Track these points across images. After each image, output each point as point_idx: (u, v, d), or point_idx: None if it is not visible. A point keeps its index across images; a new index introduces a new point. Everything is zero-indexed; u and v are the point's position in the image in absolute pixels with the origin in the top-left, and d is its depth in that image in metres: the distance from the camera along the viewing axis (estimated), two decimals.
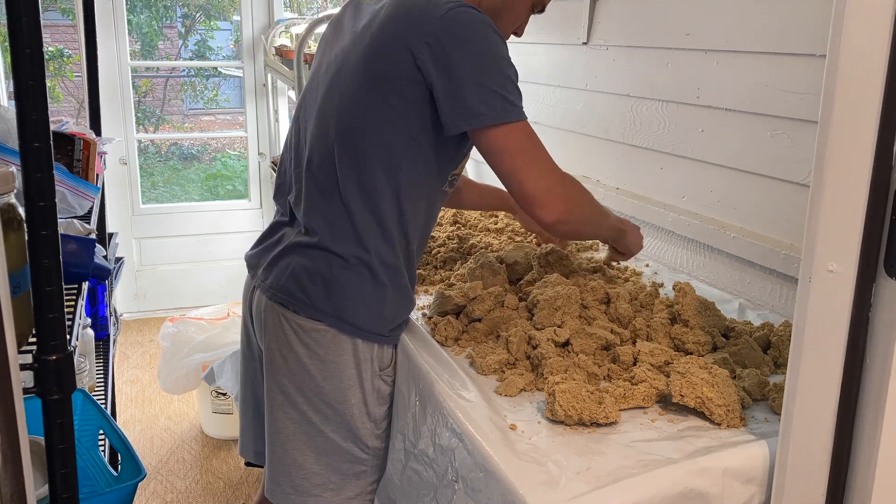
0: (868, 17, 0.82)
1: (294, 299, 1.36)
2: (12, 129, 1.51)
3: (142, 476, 1.42)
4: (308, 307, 1.35)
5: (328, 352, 1.36)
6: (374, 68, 1.30)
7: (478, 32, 1.25)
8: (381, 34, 1.30)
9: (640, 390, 1.19)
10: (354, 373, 1.37)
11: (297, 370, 1.38)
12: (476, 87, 1.23)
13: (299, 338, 1.37)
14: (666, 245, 1.96)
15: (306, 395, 1.38)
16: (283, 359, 1.39)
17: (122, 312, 4.11)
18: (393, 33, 1.29)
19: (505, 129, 1.24)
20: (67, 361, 0.97)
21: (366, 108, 1.31)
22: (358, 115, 1.33)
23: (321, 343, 1.36)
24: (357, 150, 1.33)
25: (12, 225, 1.00)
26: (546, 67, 2.42)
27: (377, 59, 1.30)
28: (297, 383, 1.38)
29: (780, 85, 1.56)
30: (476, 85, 1.23)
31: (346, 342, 1.36)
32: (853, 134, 0.85)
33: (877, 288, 0.87)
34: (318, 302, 1.35)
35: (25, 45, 0.87)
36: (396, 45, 1.27)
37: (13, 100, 0.97)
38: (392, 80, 1.28)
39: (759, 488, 1.08)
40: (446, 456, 1.20)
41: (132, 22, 4.39)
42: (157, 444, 2.92)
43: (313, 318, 1.35)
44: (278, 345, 1.39)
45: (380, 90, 1.29)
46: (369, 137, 1.32)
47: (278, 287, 1.39)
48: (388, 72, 1.28)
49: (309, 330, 1.36)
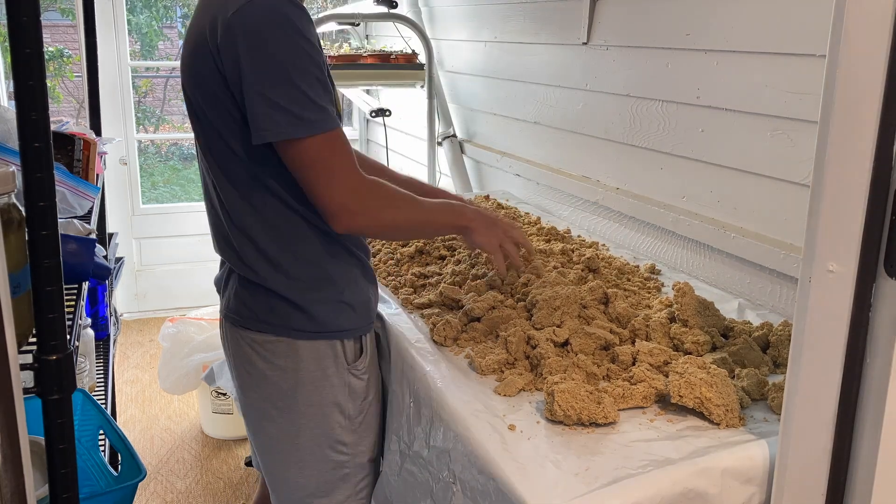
0: (868, 17, 0.82)
1: (243, 317, 1.36)
2: (12, 129, 1.51)
3: (142, 476, 1.42)
4: (257, 322, 1.35)
5: (287, 360, 1.35)
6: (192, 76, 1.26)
7: (268, 35, 1.16)
8: (188, 37, 1.28)
9: (639, 390, 1.19)
10: (318, 375, 1.35)
11: (262, 385, 1.37)
12: (263, 101, 1.16)
13: (257, 353, 1.36)
14: (666, 245, 1.96)
15: (278, 406, 1.37)
16: (249, 375, 1.38)
17: (122, 312, 4.11)
18: (196, 35, 1.24)
19: (295, 144, 1.19)
20: (67, 361, 0.97)
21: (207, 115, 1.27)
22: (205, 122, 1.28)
23: (278, 353, 1.35)
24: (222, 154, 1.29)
25: (12, 225, 1.00)
26: (546, 67, 2.42)
27: (192, 64, 1.26)
28: (265, 397, 1.37)
29: (780, 85, 1.56)
30: (263, 98, 1.16)
31: (303, 347, 1.34)
32: (853, 134, 0.85)
33: (877, 288, 0.87)
34: (262, 315, 1.34)
35: (25, 45, 0.87)
36: (200, 46, 1.23)
37: (13, 100, 0.97)
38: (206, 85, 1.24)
39: (758, 488, 1.08)
40: (443, 457, 1.20)
41: (132, 22, 4.39)
42: (157, 444, 2.92)
43: (264, 332, 1.35)
44: (241, 362, 1.39)
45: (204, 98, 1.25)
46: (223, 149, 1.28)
47: (230, 308, 1.39)
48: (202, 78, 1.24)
49: (264, 343, 1.35)
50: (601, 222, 2.21)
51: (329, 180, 1.20)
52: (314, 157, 1.20)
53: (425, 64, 3.03)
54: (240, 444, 2.91)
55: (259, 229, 1.31)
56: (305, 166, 1.20)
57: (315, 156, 1.20)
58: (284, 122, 1.17)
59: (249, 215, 1.30)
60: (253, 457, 1.65)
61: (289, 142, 1.19)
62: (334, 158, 1.21)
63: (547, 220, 2.21)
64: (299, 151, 1.19)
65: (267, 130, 1.18)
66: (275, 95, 1.16)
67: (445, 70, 3.13)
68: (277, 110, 1.16)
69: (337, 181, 1.21)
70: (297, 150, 1.19)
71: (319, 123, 1.19)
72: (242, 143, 1.25)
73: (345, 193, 1.21)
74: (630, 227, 2.09)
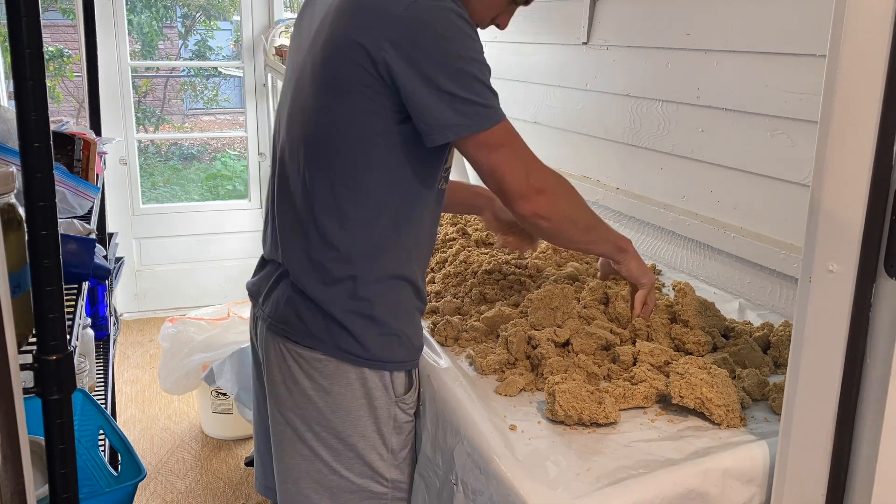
0: (868, 17, 0.82)
1: (292, 328, 1.29)
2: (12, 129, 1.51)
3: (142, 476, 1.42)
4: (307, 336, 1.28)
5: (333, 383, 1.27)
6: (329, 75, 1.21)
7: (442, 31, 1.15)
8: (331, 36, 1.21)
9: (640, 390, 1.19)
10: (364, 403, 1.28)
11: (302, 403, 1.29)
12: (445, 98, 1.16)
13: (302, 369, 1.29)
14: (666, 245, 1.96)
15: (314, 429, 1.29)
16: (288, 391, 1.30)
17: (122, 312, 4.11)
18: (344, 34, 1.19)
19: (484, 134, 1.19)
20: (67, 361, 0.97)
21: (329, 120, 1.23)
22: (322, 126, 1.24)
23: (324, 374, 1.27)
24: (327, 165, 1.25)
25: (12, 225, 1.00)
26: (546, 67, 2.42)
27: (330, 64, 1.21)
28: (303, 417, 1.30)
29: (780, 85, 1.56)
30: (445, 94, 1.16)
31: (350, 372, 1.27)
32: (853, 134, 0.85)
33: (877, 288, 0.87)
34: (315, 330, 1.27)
35: (25, 45, 0.87)
36: (350, 47, 1.18)
37: (13, 100, 0.97)
38: (350, 86, 1.19)
39: (759, 488, 1.08)
40: (446, 457, 1.20)
41: (132, 22, 4.39)
42: (157, 444, 2.92)
43: (313, 348, 1.28)
44: (282, 377, 1.31)
45: (339, 98, 1.21)
46: (338, 151, 1.24)
47: (276, 316, 1.31)
48: (344, 78, 1.19)
49: (311, 360, 1.28)
50: None
51: (522, 162, 1.22)
52: (503, 142, 1.21)
53: None
54: (240, 444, 2.91)
55: (342, 241, 1.25)
56: (495, 153, 1.20)
57: (504, 141, 1.21)
58: (475, 115, 1.18)
59: (337, 226, 1.25)
60: (259, 479, 1.57)
61: (478, 134, 1.19)
62: (521, 143, 1.24)
63: None
64: (489, 140, 1.20)
65: (459, 125, 1.17)
66: (460, 90, 1.16)
67: None
68: (466, 104, 1.17)
69: (526, 161, 1.23)
70: (486, 139, 1.20)
71: (500, 111, 1.21)
72: (378, 151, 1.23)
73: (537, 174, 1.23)
74: (630, 227, 2.09)
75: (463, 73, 1.16)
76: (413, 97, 1.16)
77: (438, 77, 1.15)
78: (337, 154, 1.23)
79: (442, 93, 1.16)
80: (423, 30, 1.15)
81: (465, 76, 1.17)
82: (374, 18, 1.16)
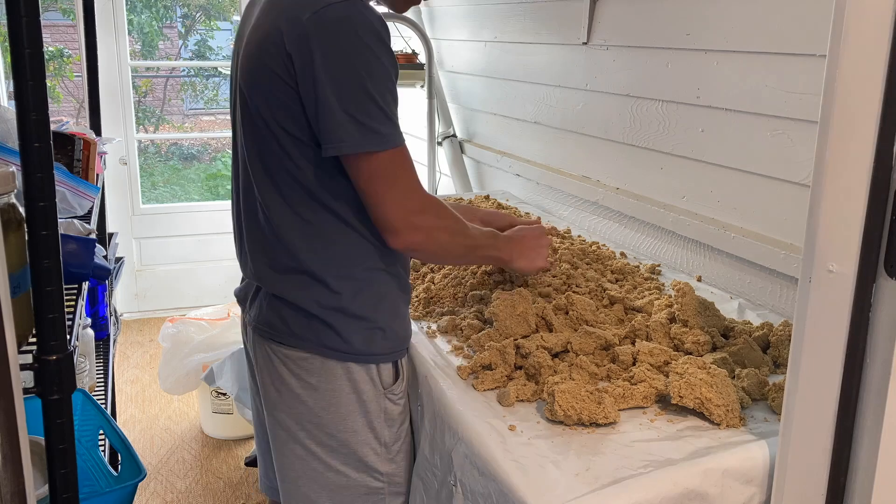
0: (868, 17, 0.82)
1: (276, 330, 1.30)
2: (12, 129, 1.51)
3: (142, 476, 1.42)
4: (290, 336, 1.29)
5: (320, 380, 1.29)
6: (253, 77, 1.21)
7: (346, 44, 1.12)
8: (252, 37, 1.22)
9: (640, 390, 1.19)
10: (354, 398, 1.29)
11: (292, 403, 1.31)
12: (334, 112, 1.13)
13: (289, 369, 1.30)
14: (666, 245, 1.96)
15: (307, 428, 1.31)
16: (278, 393, 1.32)
17: (122, 312, 4.11)
18: (262, 35, 1.19)
19: (365, 158, 1.16)
20: (67, 361, 0.97)
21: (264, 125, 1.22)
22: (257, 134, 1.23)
23: (311, 372, 1.29)
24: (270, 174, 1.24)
25: (12, 225, 1.00)
26: (546, 67, 2.42)
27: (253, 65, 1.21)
28: (295, 418, 1.31)
29: (780, 85, 1.56)
30: (335, 110, 1.13)
31: (336, 368, 1.28)
32: (853, 134, 0.85)
33: (877, 288, 0.87)
34: (298, 329, 1.28)
35: (25, 45, 0.87)
36: (266, 48, 1.17)
37: (13, 100, 0.97)
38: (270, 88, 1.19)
39: (758, 488, 1.08)
40: (445, 458, 1.20)
41: (132, 22, 4.39)
42: (157, 444, 2.92)
43: (298, 348, 1.29)
44: (271, 379, 1.33)
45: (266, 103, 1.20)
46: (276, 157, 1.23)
47: (261, 319, 1.33)
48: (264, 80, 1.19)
49: (296, 359, 1.29)
50: (601, 222, 2.21)
51: (396, 195, 1.19)
52: (385, 171, 1.17)
53: (425, 64, 3.03)
54: (240, 444, 2.91)
55: (304, 242, 1.26)
56: (374, 180, 1.17)
57: (384, 170, 1.17)
58: (360, 136, 1.14)
59: (296, 227, 1.25)
60: (262, 479, 1.59)
61: (361, 155, 1.16)
62: (403, 174, 1.19)
63: (547, 220, 2.21)
64: (371, 165, 1.17)
65: (342, 142, 1.15)
66: (351, 107, 1.13)
67: (445, 70, 3.13)
68: (354, 123, 1.14)
69: (405, 197, 1.20)
70: (368, 164, 1.17)
71: (391, 138, 1.17)
72: (303, 154, 1.21)
73: (412, 209, 1.20)
74: (630, 227, 2.09)
75: (356, 91, 1.13)
76: (307, 103, 1.16)
77: (332, 89, 1.13)
78: (275, 159, 1.23)
79: (331, 106, 1.13)
80: (326, 37, 1.12)
81: (359, 94, 1.13)
82: (286, 19, 1.15)
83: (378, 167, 1.17)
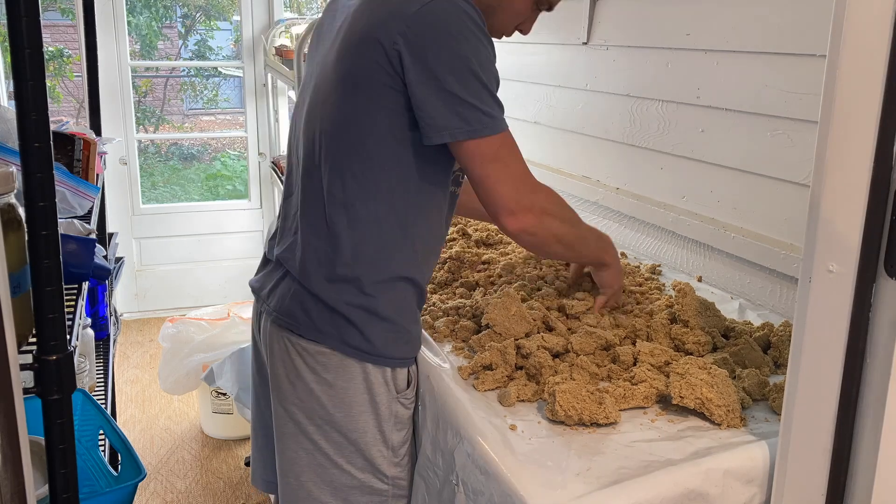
0: (868, 17, 0.82)
1: (297, 322, 1.29)
2: (12, 129, 1.51)
3: (142, 476, 1.42)
4: (312, 330, 1.28)
5: (337, 377, 1.28)
6: (346, 69, 1.22)
7: (455, 33, 1.15)
8: (350, 32, 1.23)
9: (640, 390, 1.19)
10: (367, 398, 1.29)
11: (305, 397, 1.30)
12: (448, 98, 1.15)
13: (306, 362, 1.29)
14: (666, 245, 1.96)
15: (317, 423, 1.30)
16: (291, 385, 1.31)
17: (122, 312, 4.11)
18: (362, 30, 1.20)
19: (479, 142, 1.18)
20: (67, 361, 0.97)
21: (343, 116, 1.23)
22: (337, 122, 1.24)
23: (328, 367, 1.28)
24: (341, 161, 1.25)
25: (12, 225, 1.00)
26: (546, 67, 2.42)
27: (348, 59, 1.22)
28: (306, 411, 1.30)
29: (780, 85, 1.56)
30: (448, 95, 1.15)
31: (354, 366, 1.28)
32: (853, 134, 0.85)
33: (877, 288, 0.87)
34: (321, 324, 1.27)
35: (25, 45, 0.87)
36: (367, 42, 1.19)
37: (13, 100, 0.97)
38: (366, 81, 1.20)
39: (759, 489, 1.08)
40: (447, 458, 1.20)
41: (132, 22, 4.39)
42: (157, 444, 2.92)
43: (318, 342, 1.28)
44: (285, 370, 1.32)
45: (354, 93, 1.22)
46: (351, 147, 1.24)
47: (282, 310, 1.32)
48: (360, 73, 1.20)
49: (315, 353, 1.28)
50: (601, 222, 2.21)
51: (512, 176, 1.21)
52: (498, 154, 1.20)
53: None
54: (240, 444, 2.91)
55: (350, 237, 1.26)
56: (489, 163, 1.19)
57: (499, 153, 1.20)
58: (475, 121, 1.17)
59: (346, 223, 1.26)
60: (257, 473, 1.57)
61: (475, 140, 1.18)
62: (517, 157, 1.22)
63: None
64: (484, 149, 1.19)
65: (458, 129, 1.16)
66: (465, 94, 1.15)
67: None
68: (468, 108, 1.16)
69: (520, 178, 1.22)
70: (482, 147, 1.19)
71: (502, 122, 1.20)
72: (390, 151, 1.23)
73: (527, 191, 1.23)
74: (630, 227, 2.09)
75: (469, 77, 1.16)
76: (416, 92, 1.17)
77: (444, 76, 1.15)
78: (350, 150, 1.24)
79: (444, 92, 1.15)
80: (436, 27, 1.15)
81: (471, 80, 1.16)
82: (390, 14, 1.17)
83: (494, 150, 1.19)
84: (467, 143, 1.18)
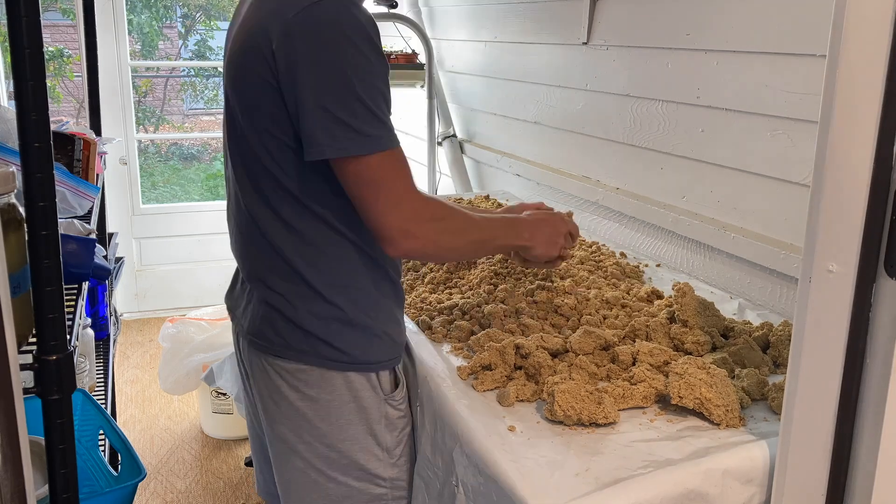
0: (868, 17, 0.82)
1: (272, 343, 1.26)
2: (12, 129, 1.51)
3: (142, 476, 1.42)
4: (287, 349, 1.25)
5: (320, 391, 1.26)
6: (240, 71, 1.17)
7: (332, 41, 1.07)
8: (242, 34, 1.17)
9: (639, 390, 1.19)
10: (353, 406, 1.27)
11: (291, 416, 1.28)
12: (322, 114, 1.07)
13: (287, 382, 1.26)
14: (666, 245, 1.96)
15: (306, 441, 1.28)
16: (276, 405, 1.29)
17: (122, 312, 4.11)
18: (250, 33, 1.14)
19: (352, 162, 1.10)
20: (67, 361, 0.97)
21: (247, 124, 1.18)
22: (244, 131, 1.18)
23: (310, 383, 1.25)
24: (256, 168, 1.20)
25: (12, 225, 1.00)
26: (546, 67, 2.42)
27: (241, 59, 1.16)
28: (294, 430, 1.28)
29: (780, 85, 1.56)
30: (322, 111, 1.07)
31: (336, 378, 1.25)
32: (853, 134, 0.85)
33: (877, 288, 0.87)
34: (294, 342, 1.24)
35: (25, 45, 0.87)
36: (254, 47, 1.13)
37: (13, 100, 0.97)
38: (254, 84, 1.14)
39: (759, 489, 1.08)
40: (446, 459, 1.20)
41: (132, 22, 4.39)
42: (157, 444, 2.92)
43: (296, 361, 1.25)
44: (269, 392, 1.30)
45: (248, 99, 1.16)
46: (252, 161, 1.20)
47: (255, 332, 1.29)
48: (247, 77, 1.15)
49: (294, 372, 1.25)
50: (601, 222, 2.21)
51: (388, 202, 1.12)
52: (373, 176, 1.11)
53: (425, 64, 3.03)
54: (240, 444, 2.91)
55: (294, 252, 1.22)
56: (363, 186, 1.12)
57: (374, 175, 1.11)
58: (344, 138, 1.08)
59: (286, 236, 1.22)
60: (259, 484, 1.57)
61: (347, 159, 1.10)
62: (394, 178, 1.13)
63: None
64: (358, 169, 1.11)
65: (326, 146, 1.09)
66: (336, 108, 1.07)
67: (445, 70, 3.13)
68: (338, 124, 1.08)
69: (396, 203, 1.13)
70: (355, 168, 1.11)
71: (382, 140, 1.11)
72: (288, 159, 1.17)
73: (404, 216, 1.13)
74: (630, 227, 2.09)
75: (343, 91, 1.08)
76: (289, 102, 1.11)
77: (317, 89, 1.08)
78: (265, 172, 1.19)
79: (318, 107, 1.08)
80: (313, 34, 1.07)
81: (348, 95, 1.08)
82: (273, 18, 1.11)
83: (366, 171, 1.11)
84: (337, 161, 1.11)
